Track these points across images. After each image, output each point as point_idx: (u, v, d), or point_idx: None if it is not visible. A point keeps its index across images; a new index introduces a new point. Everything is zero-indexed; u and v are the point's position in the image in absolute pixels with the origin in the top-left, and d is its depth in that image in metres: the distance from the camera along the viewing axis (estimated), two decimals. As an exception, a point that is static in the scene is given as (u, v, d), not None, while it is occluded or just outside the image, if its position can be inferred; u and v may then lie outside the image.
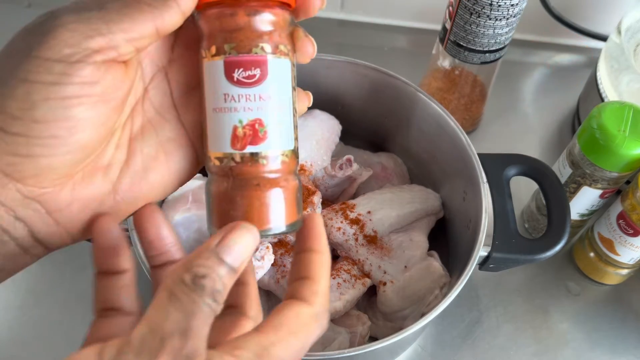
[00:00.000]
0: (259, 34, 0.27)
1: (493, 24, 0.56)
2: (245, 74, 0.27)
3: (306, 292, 0.27)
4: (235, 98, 0.27)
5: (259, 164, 0.28)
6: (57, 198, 0.26)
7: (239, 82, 0.27)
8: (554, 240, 0.47)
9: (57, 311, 0.56)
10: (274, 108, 0.28)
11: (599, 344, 0.57)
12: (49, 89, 0.24)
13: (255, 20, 0.27)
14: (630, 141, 0.49)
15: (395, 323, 0.50)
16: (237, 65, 0.27)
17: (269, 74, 0.27)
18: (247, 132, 0.27)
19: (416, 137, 0.59)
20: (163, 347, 0.22)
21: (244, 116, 0.27)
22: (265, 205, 0.28)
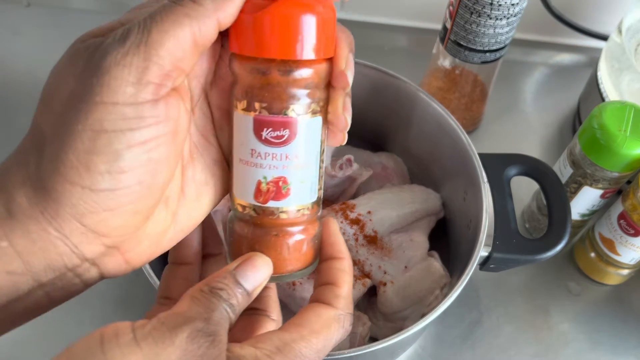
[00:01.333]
0: (291, 95, 0.27)
1: (493, 24, 0.56)
2: (273, 134, 0.27)
3: (328, 295, 0.29)
4: (262, 155, 0.27)
5: (279, 217, 0.28)
6: (132, 240, 0.27)
7: (267, 141, 0.27)
8: (555, 240, 0.46)
9: (56, 311, 0.56)
10: (300, 167, 0.28)
11: (599, 344, 0.57)
12: (129, 136, 0.24)
13: (288, 80, 0.26)
14: (631, 141, 0.49)
15: (396, 323, 0.50)
16: (267, 125, 0.27)
17: (297, 135, 0.27)
18: (270, 188, 0.28)
19: (416, 137, 0.59)
20: (187, 322, 0.24)
21: (269, 173, 0.27)
22: (282, 254, 0.29)
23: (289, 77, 0.26)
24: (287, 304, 0.49)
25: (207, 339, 0.23)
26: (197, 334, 0.23)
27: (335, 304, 0.28)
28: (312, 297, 0.30)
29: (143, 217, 0.26)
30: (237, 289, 0.26)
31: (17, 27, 0.78)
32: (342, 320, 0.28)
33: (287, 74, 0.26)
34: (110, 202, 0.24)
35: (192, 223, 0.30)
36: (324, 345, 0.27)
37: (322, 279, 0.30)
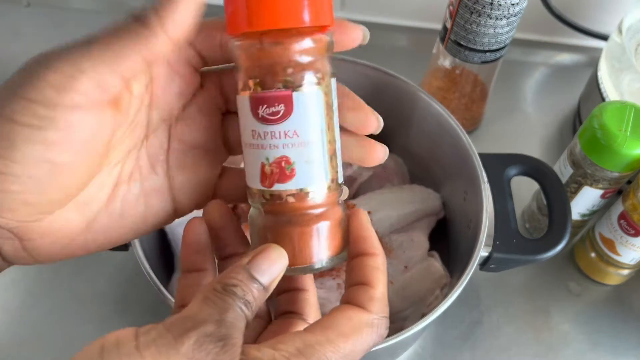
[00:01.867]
0: (282, 67, 0.26)
1: (494, 23, 0.56)
2: (269, 111, 0.26)
3: (362, 297, 0.27)
4: (262, 135, 0.26)
5: (287, 202, 0.27)
6: (30, 231, 0.26)
7: (264, 119, 0.26)
8: (555, 240, 0.46)
9: (56, 312, 0.56)
10: (302, 144, 0.26)
11: (600, 344, 0.57)
12: (32, 132, 0.24)
13: (277, 52, 0.26)
14: (631, 141, 0.49)
15: (396, 324, 0.50)
16: (261, 101, 0.26)
17: (294, 110, 0.26)
18: (274, 170, 0.26)
19: (417, 137, 0.59)
20: (195, 327, 0.23)
21: (270, 154, 0.26)
22: (297, 243, 0.27)
23: (276, 49, 0.25)
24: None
25: (217, 344, 0.22)
26: (206, 340, 0.22)
27: (369, 306, 0.26)
28: (344, 297, 0.28)
29: (36, 210, 0.25)
30: (253, 284, 0.25)
31: (17, 27, 0.78)
32: (376, 325, 0.26)
33: (274, 45, 0.25)
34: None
35: (110, 240, 0.29)
36: (353, 351, 0.25)
37: (354, 278, 0.28)
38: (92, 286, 0.57)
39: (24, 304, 0.56)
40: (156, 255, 0.50)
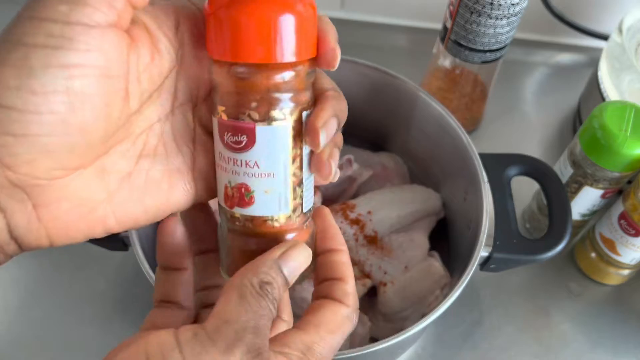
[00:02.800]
0: (248, 100, 0.26)
1: (494, 23, 0.56)
2: (232, 139, 0.26)
3: (339, 293, 0.28)
4: (226, 159, 0.27)
5: (245, 225, 0.28)
6: (47, 192, 0.23)
7: (228, 146, 0.26)
8: (555, 240, 0.46)
9: (56, 311, 0.56)
10: (262, 176, 0.27)
11: (600, 344, 0.57)
12: (50, 53, 0.21)
13: (245, 84, 0.25)
14: (631, 141, 0.49)
15: (396, 324, 0.50)
16: (226, 129, 0.26)
17: (256, 143, 0.26)
18: (235, 194, 0.27)
19: (417, 137, 0.59)
20: (239, 338, 0.23)
21: (232, 178, 0.27)
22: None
23: (245, 82, 0.25)
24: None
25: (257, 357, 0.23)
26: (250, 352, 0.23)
27: (346, 301, 0.28)
28: (319, 293, 0.29)
29: (56, 161, 0.23)
30: (280, 279, 0.26)
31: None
32: (352, 317, 0.28)
33: (243, 77, 0.25)
34: (16, 125, 0.21)
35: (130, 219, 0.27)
36: (338, 343, 0.27)
37: (326, 273, 0.29)
38: (92, 286, 0.57)
39: (24, 304, 0.56)
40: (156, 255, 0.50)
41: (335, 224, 0.31)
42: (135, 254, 0.44)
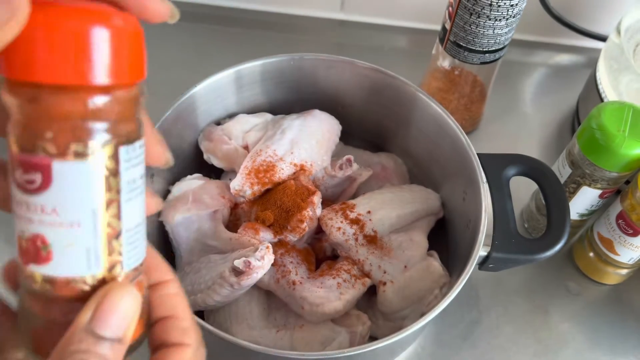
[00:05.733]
0: (41, 129, 0.20)
1: (493, 24, 0.56)
2: (25, 177, 0.21)
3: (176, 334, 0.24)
4: (19, 203, 0.21)
5: (44, 288, 0.22)
6: None
7: (21, 186, 0.21)
8: (554, 240, 0.47)
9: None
10: (61, 225, 0.21)
11: (599, 344, 0.57)
12: None
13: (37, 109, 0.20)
14: (629, 141, 0.49)
15: (395, 323, 0.50)
16: (17, 164, 0.21)
17: (52, 183, 0.21)
18: (29, 247, 0.22)
19: (416, 137, 0.59)
20: None
21: (25, 228, 0.22)
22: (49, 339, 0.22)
23: (39, 106, 0.20)
24: (288, 303, 0.50)
25: None
26: None
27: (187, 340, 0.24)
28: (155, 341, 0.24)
29: None
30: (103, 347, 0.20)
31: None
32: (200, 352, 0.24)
33: (35, 100, 0.20)
34: None
35: None
36: None
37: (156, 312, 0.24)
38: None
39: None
40: (157, 255, 0.50)
41: (156, 253, 0.26)
42: None
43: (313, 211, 0.51)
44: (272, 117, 0.60)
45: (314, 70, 0.58)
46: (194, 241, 0.52)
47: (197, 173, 0.56)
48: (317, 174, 0.56)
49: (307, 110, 0.59)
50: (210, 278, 0.47)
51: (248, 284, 0.46)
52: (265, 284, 0.50)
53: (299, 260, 0.51)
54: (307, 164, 0.55)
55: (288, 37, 0.81)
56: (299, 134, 0.56)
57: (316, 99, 0.60)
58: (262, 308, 0.50)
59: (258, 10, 0.83)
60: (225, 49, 0.78)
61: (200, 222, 0.51)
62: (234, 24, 0.81)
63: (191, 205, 0.52)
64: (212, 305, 0.47)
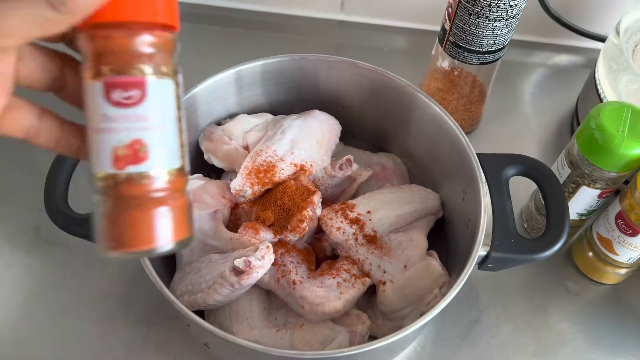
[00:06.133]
0: (137, 55, 0.28)
1: (492, 25, 0.56)
2: (124, 95, 0.27)
3: None
4: (115, 119, 0.27)
5: (141, 183, 0.28)
6: None
7: (118, 103, 0.27)
8: (553, 240, 0.47)
9: (58, 311, 0.56)
10: (155, 128, 0.28)
11: (598, 343, 0.57)
12: None
13: (133, 42, 0.27)
14: (629, 141, 0.50)
15: (395, 322, 0.51)
16: (115, 86, 0.27)
17: (148, 95, 0.28)
18: (127, 152, 0.28)
19: (416, 138, 0.59)
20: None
21: (124, 136, 0.28)
22: (149, 224, 0.28)
23: (133, 39, 0.27)
24: (288, 302, 0.50)
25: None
26: None
27: None
28: None
29: None
30: None
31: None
32: None
33: (130, 35, 0.27)
34: None
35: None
36: None
37: None
38: (94, 285, 0.58)
39: (26, 303, 0.57)
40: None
41: None
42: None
43: (313, 211, 0.51)
44: (273, 118, 0.60)
45: (314, 71, 0.58)
46: (195, 241, 0.52)
47: (198, 173, 0.56)
48: (317, 174, 0.56)
49: (307, 110, 0.59)
50: (211, 278, 0.47)
51: (248, 283, 0.46)
52: (266, 283, 0.50)
53: (299, 260, 0.51)
54: (307, 164, 0.55)
55: (288, 37, 0.81)
56: (299, 134, 0.56)
57: (316, 100, 0.61)
58: (262, 307, 0.51)
59: (258, 11, 0.83)
60: (226, 50, 0.78)
61: (200, 222, 0.52)
62: (235, 24, 0.82)
63: (192, 205, 0.52)
64: (212, 304, 0.47)
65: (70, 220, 0.46)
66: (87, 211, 0.47)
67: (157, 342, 0.55)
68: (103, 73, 0.27)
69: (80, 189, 0.51)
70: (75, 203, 0.48)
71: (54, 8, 0.24)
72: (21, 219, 0.62)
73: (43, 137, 0.30)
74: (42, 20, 0.25)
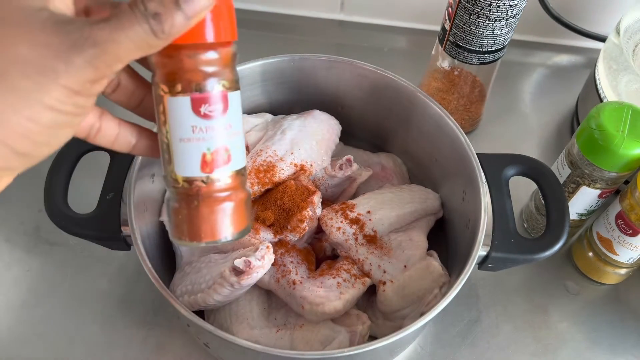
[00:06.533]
0: (220, 71, 0.31)
1: (492, 25, 0.56)
2: (211, 108, 0.31)
3: None
4: (203, 129, 0.31)
5: (220, 183, 0.32)
6: None
7: (206, 116, 0.31)
8: (553, 240, 0.47)
9: (58, 311, 0.56)
10: (236, 134, 0.32)
11: (597, 343, 0.57)
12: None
13: (218, 60, 0.31)
14: (629, 141, 0.50)
15: (395, 322, 0.51)
16: (204, 101, 0.31)
17: (229, 106, 0.31)
18: (214, 157, 0.32)
19: (416, 138, 0.59)
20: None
21: (212, 144, 0.31)
22: (231, 215, 0.33)
23: (215, 58, 0.30)
24: (288, 302, 0.50)
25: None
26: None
27: None
28: None
29: None
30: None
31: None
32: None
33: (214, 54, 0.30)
34: None
35: None
36: None
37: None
38: (94, 285, 0.58)
39: (26, 303, 0.57)
40: (158, 255, 0.51)
41: None
42: (138, 253, 0.45)
43: (313, 211, 0.51)
44: (272, 118, 0.60)
45: (314, 71, 0.58)
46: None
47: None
48: (317, 174, 0.56)
49: (307, 110, 0.59)
50: (211, 277, 0.47)
51: (248, 283, 0.46)
52: (266, 283, 0.50)
53: (299, 260, 0.51)
54: (307, 164, 0.55)
55: (288, 37, 0.81)
56: (299, 134, 0.56)
57: (316, 100, 0.61)
58: (262, 307, 0.51)
59: (258, 11, 0.83)
60: (226, 50, 0.78)
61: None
62: (234, 24, 0.82)
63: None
64: (212, 304, 0.47)
65: (70, 220, 0.46)
66: (87, 211, 0.47)
67: (157, 342, 0.55)
68: (191, 89, 0.30)
69: (80, 189, 0.51)
70: (75, 203, 0.48)
71: (155, 34, 0.27)
72: (21, 219, 0.62)
73: (103, 135, 0.33)
74: (144, 45, 0.27)
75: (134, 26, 0.27)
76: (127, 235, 0.46)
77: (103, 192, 0.48)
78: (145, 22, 0.27)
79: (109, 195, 0.47)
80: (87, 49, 0.26)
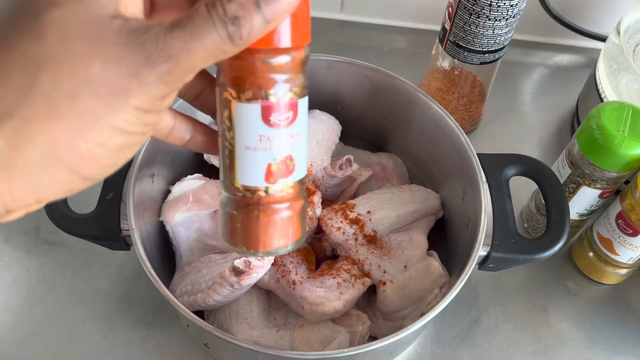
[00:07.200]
0: (291, 79, 0.29)
1: (492, 25, 0.56)
2: (281, 117, 0.29)
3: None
4: (271, 139, 0.29)
5: (282, 193, 0.31)
6: None
7: (275, 125, 0.29)
8: (553, 240, 0.47)
9: (58, 311, 0.56)
10: (302, 143, 0.30)
11: (598, 343, 0.57)
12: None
13: (289, 66, 0.29)
14: (629, 141, 0.50)
15: (395, 322, 0.51)
16: (274, 109, 0.29)
17: (298, 115, 0.30)
18: (280, 167, 0.30)
19: (416, 137, 0.59)
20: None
21: (278, 154, 0.30)
22: (289, 225, 0.31)
23: (289, 64, 0.28)
24: (288, 302, 0.50)
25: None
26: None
27: None
28: None
29: None
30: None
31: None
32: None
33: (288, 60, 0.28)
34: None
35: None
36: None
37: None
38: (94, 285, 0.58)
39: (25, 303, 0.57)
40: (157, 255, 0.51)
41: None
42: (137, 254, 0.44)
43: (313, 211, 0.51)
44: (272, 117, 0.60)
45: (314, 71, 0.58)
46: (195, 241, 0.52)
47: (198, 173, 0.56)
48: (317, 174, 0.56)
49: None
50: (211, 278, 0.47)
51: (248, 283, 0.46)
52: (266, 283, 0.50)
53: (299, 260, 0.51)
54: (307, 164, 0.55)
55: (288, 37, 0.81)
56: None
57: (316, 99, 0.61)
58: (262, 308, 0.51)
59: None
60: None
61: (200, 222, 0.52)
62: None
63: (192, 205, 0.52)
64: (212, 304, 0.47)
65: (70, 220, 0.46)
66: (87, 211, 0.47)
67: (157, 342, 0.55)
68: (261, 96, 0.28)
69: (80, 189, 0.51)
70: (75, 203, 0.48)
71: (233, 40, 0.25)
72: (21, 219, 0.62)
73: (159, 128, 0.32)
74: (218, 52, 0.25)
75: (211, 33, 0.24)
76: (126, 235, 0.46)
77: (103, 192, 0.48)
78: (223, 28, 0.24)
79: (108, 195, 0.47)
80: (160, 64, 0.24)
